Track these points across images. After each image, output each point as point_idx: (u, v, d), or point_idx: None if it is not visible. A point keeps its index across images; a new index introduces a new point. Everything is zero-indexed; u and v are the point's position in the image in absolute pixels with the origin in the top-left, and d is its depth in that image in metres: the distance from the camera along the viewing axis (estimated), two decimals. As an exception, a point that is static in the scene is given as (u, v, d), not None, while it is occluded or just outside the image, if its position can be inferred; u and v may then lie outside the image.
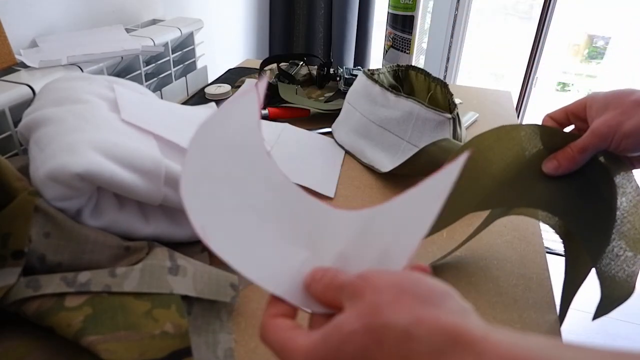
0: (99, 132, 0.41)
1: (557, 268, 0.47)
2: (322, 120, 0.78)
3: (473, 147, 0.41)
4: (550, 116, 0.44)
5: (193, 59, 0.92)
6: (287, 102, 0.79)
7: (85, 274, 0.36)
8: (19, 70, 0.59)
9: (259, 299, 0.42)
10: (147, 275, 0.38)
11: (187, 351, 0.34)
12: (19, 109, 0.52)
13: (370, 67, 0.86)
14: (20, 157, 0.47)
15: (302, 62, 0.99)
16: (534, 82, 1.75)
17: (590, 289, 0.42)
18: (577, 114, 0.42)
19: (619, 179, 0.41)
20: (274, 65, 1.02)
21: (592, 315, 0.41)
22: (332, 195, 0.58)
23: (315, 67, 0.96)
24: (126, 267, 0.38)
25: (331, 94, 0.90)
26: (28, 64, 0.60)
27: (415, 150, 0.58)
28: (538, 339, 0.18)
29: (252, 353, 0.37)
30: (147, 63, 0.79)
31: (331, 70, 0.93)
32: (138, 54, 0.71)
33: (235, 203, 0.27)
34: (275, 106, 0.77)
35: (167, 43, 0.81)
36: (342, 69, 0.90)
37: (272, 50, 1.64)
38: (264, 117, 0.75)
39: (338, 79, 0.92)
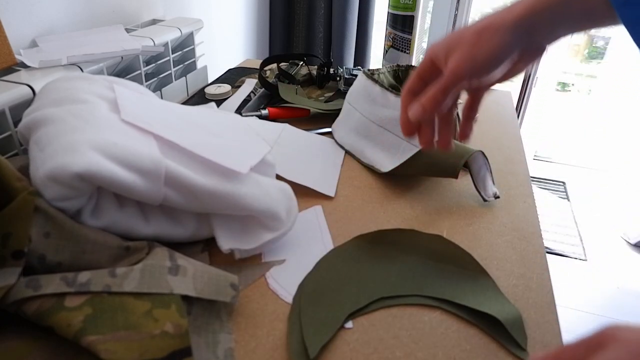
0: (99, 132, 0.40)
1: (557, 268, 0.47)
2: (322, 120, 0.78)
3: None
4: (408, 90, 0.44)
5: (193, 59, 0.92)
6: (287, 102, 0.79)
7: (85, 274, 0.36)
8: (19, 70, 0.59)
9: (258, 298, 0.42)
10: (147, 275, 0.38)
11: (187, 351, 0.34)
12: (19, 109, 0.52)
13: (370, 67, 0.86)
14: (20, 157, 0.47)
15: (302, 62, 0.99)
16: (534, 82, 1.75)
17: (589, 289, 0.42)
18: (431, 70, 0.42)
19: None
20: (274, 65, 1.02)
21: (592, 315, 0.41)
22: (332, 195, 0.58)
23: (315, 67, 0.96)
24: (126, 267, 0.38)
25: (331, 94, 0.90)
26: (28, 64, 0.60)
27: (415, 150, 0.58)
28: None
29: (252, 353, 0.37)
30: (147, 63, 0.79)
31: (331, 70, 0.93)
32: (138, 54, 0.71)
33: None
34: (275, 106, 0.77)
35: (167, 43, 0.81)
36: (342, 69, 0.90)
37: (272, 50, 1.64)
38: (264, 117, 0.75)
39: (338, 79, 0.92)
